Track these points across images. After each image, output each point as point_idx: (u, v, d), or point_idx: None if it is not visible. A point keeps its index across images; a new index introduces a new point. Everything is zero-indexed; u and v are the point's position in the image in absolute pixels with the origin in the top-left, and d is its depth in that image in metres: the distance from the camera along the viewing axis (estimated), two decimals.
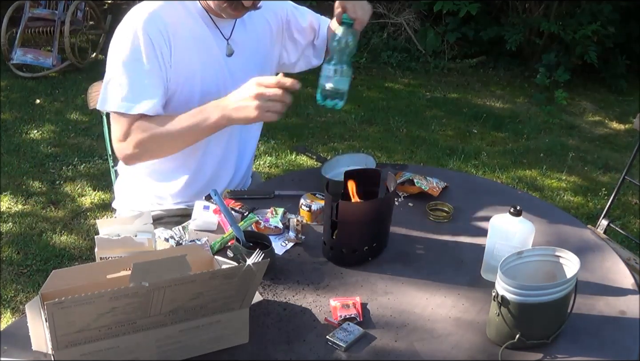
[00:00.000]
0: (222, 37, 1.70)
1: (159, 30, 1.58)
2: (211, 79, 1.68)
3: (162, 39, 1.59)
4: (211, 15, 1.67)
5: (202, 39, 1.66)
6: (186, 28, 1.63)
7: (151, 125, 1.58)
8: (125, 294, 1.01)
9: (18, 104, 4.61)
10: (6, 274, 2.77)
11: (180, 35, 1.62)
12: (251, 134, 1.90)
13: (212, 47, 1.68)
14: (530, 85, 5.58)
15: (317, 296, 1.37)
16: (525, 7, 5.81)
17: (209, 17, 1.67)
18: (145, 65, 1.57)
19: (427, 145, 4.31)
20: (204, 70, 1.66)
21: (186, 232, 1.55)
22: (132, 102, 1.57)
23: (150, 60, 1.58)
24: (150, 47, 1.57)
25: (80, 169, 3.73)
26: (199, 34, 1.66)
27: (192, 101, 1.65)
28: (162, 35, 1.58)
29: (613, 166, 4.15)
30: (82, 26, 5.43)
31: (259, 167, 3.85)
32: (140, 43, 1.56)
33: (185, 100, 1.65)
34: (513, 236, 1.38)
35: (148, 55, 1.57)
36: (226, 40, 1.71)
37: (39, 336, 1.11)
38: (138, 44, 1.56)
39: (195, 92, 1.65)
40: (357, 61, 5.83)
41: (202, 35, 1.66)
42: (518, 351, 1.22)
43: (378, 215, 1.48)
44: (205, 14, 1.67)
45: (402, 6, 6.19)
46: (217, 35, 1.69)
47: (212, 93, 1.67)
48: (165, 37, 1.59)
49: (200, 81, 1.66)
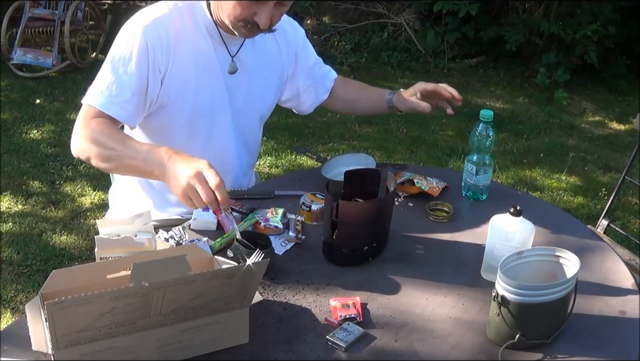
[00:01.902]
0: (228, 54, 1.66)
1: (160, 37, 1.55)
2: (205, 94, 1.65)
3: (161, 47, 1.56)
4: (220, 31, 1.63)
5: (203, 54, 1.63)
6: (189, 40, 1.60)
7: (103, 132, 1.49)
8: (125, 294, 1.01)
9: (18, 104, 4.61)
10: (6, 274, 2.77)
11: (181, 47, 1.59)
12: (253, 139, 1.87)
13: (213, 62, 1.65)
14: (530, 85, 5.58)
15: (317, 296, 1.37)
16: (525, 7, 5.81)
17: (217, 32, 1.63)
18: (131, 67, 1.54)
19: (427, 145, 4.31)
20: (198, 85, 1.63)
21: (186, 232, 1.55)
22: (105, 99, 1.53)
23: (138, 64, 1.54)
24: (144, 51, 1.54)
25: (80, 169, 3.73)
26: (202, 47, 1.62)
27: (183, 114, 1.63)
28: (161, 43, 1.56)
29: (613, 166, 4.15)
30: (82, 26, 5.43)
31: (259, 167, 3.85)
32: (135, 45, 1.54)
33: (177, 112, 1.63)
34: (513, 236, 1.38)
35: (139, 59, 1.54)
36: (231, 57, 1.67)
37: (39, 336, 1.11)
38: (132, 45, 1.54)
39: (187, 106, 1.63)
40: (357, 61, 5.83)
41: (204, 50, 1.63)
42: (518, 351, 1.22)
43: (378, 215, 1.48)
44: (215, 28, 1.62)
45: (402, 6, 6.19)
46: (221, 51, 1.65)
47: (204, 109, 1.66)
48: (165, 45, 1.56)
49: (193, 95, 1.63)
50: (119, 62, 1.55)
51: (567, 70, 5.33)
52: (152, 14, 1.58)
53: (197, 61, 1.62)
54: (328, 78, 1.94)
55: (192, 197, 1.33)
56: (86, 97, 1.56)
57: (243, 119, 1.77)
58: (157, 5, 1.61)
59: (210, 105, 1.67)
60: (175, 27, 1.58)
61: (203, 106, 1.66)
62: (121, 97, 1.54)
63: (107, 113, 1.54)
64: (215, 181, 1.30)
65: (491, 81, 5.71)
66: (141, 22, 1.57)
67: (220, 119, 1.71)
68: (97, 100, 1.54)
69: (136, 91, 1.55)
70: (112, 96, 1.54)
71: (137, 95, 1.56)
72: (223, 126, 1.72)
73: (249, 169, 1.91)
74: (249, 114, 1.78)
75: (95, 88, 1.56)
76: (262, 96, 1.79)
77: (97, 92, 1.55)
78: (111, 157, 1.49)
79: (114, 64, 1.56)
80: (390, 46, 6.05)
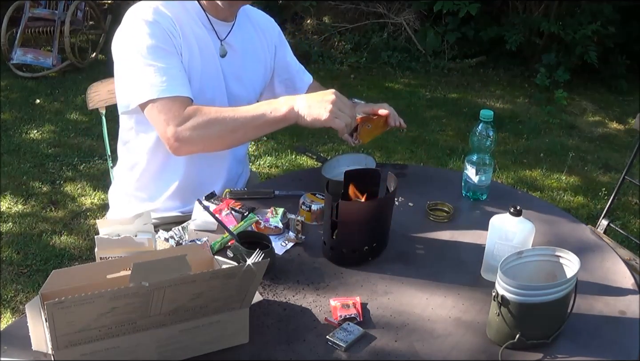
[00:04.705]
0: (217, 38, 1.71)
1: (169, 23, 1.58)
2: (209, 77, 1.68)
3: (174, 30, 1.58)
4: (208, 16, 1.68)
5: (201, 38, 1.66)
6: (187, 26, 1.63)
7: (211, 110, 1.54)
8: (125, 294, 1.01)
9: (18, 104, 4.61)
10: (6, 274, 2.77)
11: (185, 31, 1.62)
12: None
13: (210, 46, 1.68)
14: (530, 85, 5.58)
15: (317, 296, 1.37)
16: (525, 7, 5.81)
17: (206, 17, 1.68)
18: (165, 50, 1.56)
19: (427, 145, 4.31)
20: (204, 68, 1.66)
21: (186, 232, 1.55)
22: (175, 84, 1.54)
23: (169, 46, 1.57)
24: (166, 35, 1.56)
25: (80, 169, 3.73)
26: (198, 32, 1.66)
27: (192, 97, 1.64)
28: (173, 27, 1.58)
29: (613, 166, 4.15)
30: (82, 26, 5.43)
31: (259, 167, 3.85)
32: (157, 32, 1.55)
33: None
34: (513, 236, 1.38)
35: (165, 43, 1.56)
36: (220, 41, 1.71)
37: (39, 336, 1.11)
38: (155, 32, 1.55)
39: (195, 90, 1.64)
40: (357, 60, 5.83)
41: (201, 34, 1.66)
42: (518, 351, 1.22)
43: (378, 215, 1.48)
44: (204, 14, 1.67)
45: (402, 6, 6.20)
46: (213, 35, 1.69)
47: (207, 92, 1.67)
48: (176, 30, 1.59)
49: (199, 77, 1.66)
50: (149, 53, 1.54)
51: (567, 70, 5.33)
52: (149, 4, 1.59)
53: (200, 44, 1.65)
54: (306, 75, 1.99)
55: (338, 116, 1.51)
56: (150, 93, 1.53)
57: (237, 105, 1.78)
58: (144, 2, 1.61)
59: (212, 89, 1.69)
60: (174, 14, 1.60)
61: (206, 88, 1.67)
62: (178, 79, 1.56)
63: (181, 95, 1.54)
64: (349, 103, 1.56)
65: (491, 81, 5.71)
66: (146, 12, 1.57)
67: (220, 103, 1.72)
68: (160, 90, 1.53)
69: (181, 68, 1.59)
70: (170, 80, 1.54)
71: (183, 71, 1.59)
72: None
73: (242, 157, 1.95)
74: (242, 101, 1.80)
75: (152, 82, 1.53)
76: (252, 82, 1.82)
77: (152, 85, 1.53)
78: (236, 127, 1.55)
79: (154, 55, 1.54)
80: (390, 46, 6.05)
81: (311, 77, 2.01)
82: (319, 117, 1.50)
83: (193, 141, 1.54)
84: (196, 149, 1.59)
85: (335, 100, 1.51)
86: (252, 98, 1.84)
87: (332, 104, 1.50)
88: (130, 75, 1.58)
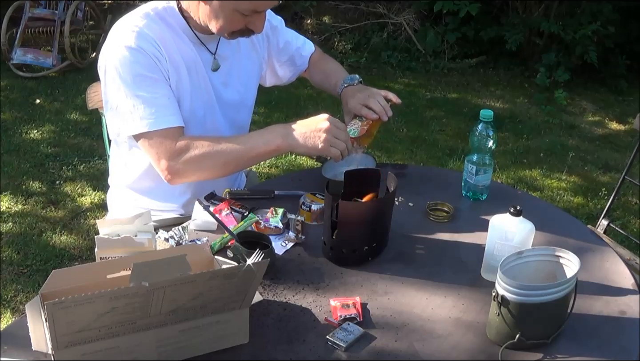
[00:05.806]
0: (208, 52, 1.67)
1: (154, 46, 1.54)
2: (199, 95, 1.66)
3: (160, 53, 1.54)
4: (195, 32, 1.63)
5: (188, 56, 1.62)
6: (173, 45, 1.59)
7: (203, 143, 1.53)
8: (125, 294, 1.01)
9: (18, 104, 4.61)
10: (6, 274, 2.77)
11: (170, 52, 1.57)
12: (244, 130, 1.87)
13: (198, 64, 1.65)
14: (530, 85, 5.58)
15: (317, 296, 1.37)
16: (525, 7, 5.81)
17: (193, 33, 1.62)
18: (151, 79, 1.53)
19: (427, 145, 4.31)
20: (193, 87, 1.64)
21: (186, 232, 1.55)
22: (164, 114, 1.52)
23: (156, 74, 1.53)
24: (151, 62, 1.52)
25: (80, 169, 3.73)
26: (185, 50, 1.61)
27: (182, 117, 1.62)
28: (158, 50, 1.54)
29: (613, 166, 4.15)
30: (82, 26, 5.43)
31: (259, 167, 3.85)
32: (141, 60, 1.51)
33: None
34: (513, 236, 1.38)
35: (152, 70, 1.53)
36: (212, 54, 1.68)
37: (39, 336, 1.11)
38: (139, 60, 1.51)
39: (185, 110, 1.63)
40: (357, 60, 5.83)
41: (188, 52, 1.62)
42: (518, 351, 1.22)
43: (378, 215, 1.48)
44: (190, 30, 1.62)
45: (402, 6, 6.19)
46: (202, 51, 1.66)
47: (198, 110, 1.66)
48: (160, 53, 1.55)
49: (190, 97, 1.64)
50: (134, 83, 1.51)
51: (567, 70, 5.32)
52: (129, 27, 1.54)
53: (186, 64, 1.62)
54: (304, 49, 1.96)
55: (334, 144, 1.50)
56: (133, 128, 1.53)
57: (232, 112, 1.78)
58: (127, 21, 1.57)
59: (203, 105, 1.68)
60: (158, 35, 1.56)
61: (197, 106, 1.66)
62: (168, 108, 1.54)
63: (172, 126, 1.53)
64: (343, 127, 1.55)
65: (491, 81, 5.71)
66: (127, 37, 1.52)
67: (211, 116, 1.72)
68: (149, 124, 1.51)
69: (170, 95, 1.56)
70: (159, 111, 1.52)
71: (172, 97, 1.57)
72: (214, 123, 1.73)
73: None
74: (237, 107, 1.80)
75: (134, 117, 1.52)
76: (245, 86, 1.81)
77: (141, 118, 1.51)
78: (228, 161, 1.55)
79: (131, 87, 1.51)
80: (390, 46, 6.04)
81: (312, 46, 1.98)
82: (314, 147, 1.50)
83: (186, 175, 1.57)
84: (189, 180, 1.62)
85: (330, 128, 1.50)
86: (249, 98, 1.84)
87: (326, 133, 1.49)
88: (118, 105, 1.54)
